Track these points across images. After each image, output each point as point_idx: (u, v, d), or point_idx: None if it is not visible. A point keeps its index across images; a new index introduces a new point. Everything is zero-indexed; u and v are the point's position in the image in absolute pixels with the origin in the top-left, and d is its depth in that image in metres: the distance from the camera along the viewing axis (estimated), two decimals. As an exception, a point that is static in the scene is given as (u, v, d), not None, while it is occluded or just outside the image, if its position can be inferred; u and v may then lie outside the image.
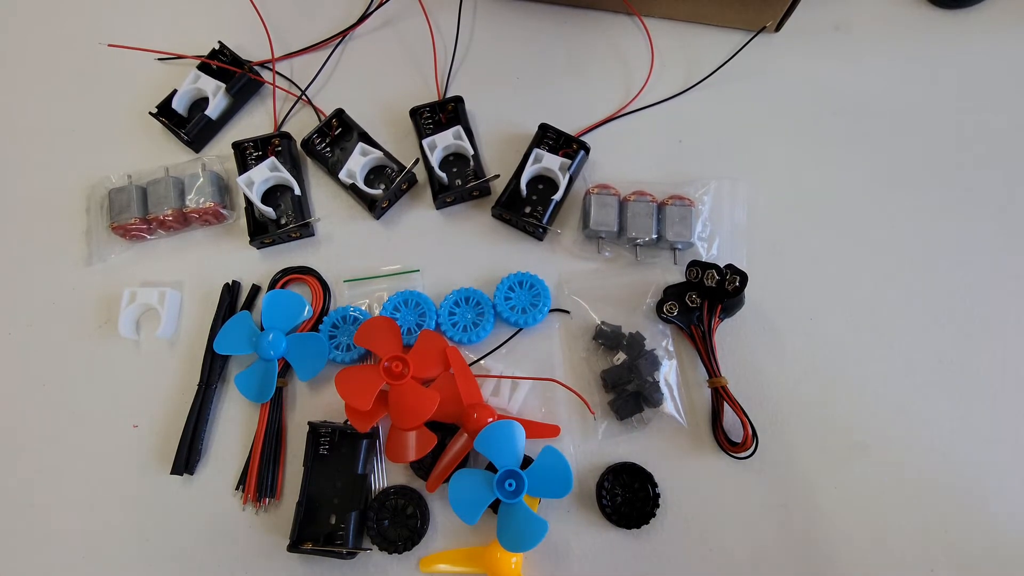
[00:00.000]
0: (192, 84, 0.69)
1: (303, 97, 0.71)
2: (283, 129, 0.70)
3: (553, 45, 0.73)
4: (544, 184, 0.66)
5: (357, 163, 0.65)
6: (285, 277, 0.65)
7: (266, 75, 0.72)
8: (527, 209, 0.65)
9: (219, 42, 0.70)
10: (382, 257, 0.66)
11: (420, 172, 0.68)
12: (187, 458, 0.60)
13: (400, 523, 0.57)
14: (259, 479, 0.59)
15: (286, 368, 0.62)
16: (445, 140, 0.65)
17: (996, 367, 0.61)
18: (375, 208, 0.65)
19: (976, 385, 0.61)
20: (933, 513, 0.58)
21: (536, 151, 0.64)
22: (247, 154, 0.67)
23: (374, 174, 0.67)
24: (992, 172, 0.67)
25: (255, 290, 0.65)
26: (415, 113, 0.68)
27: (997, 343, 0.62)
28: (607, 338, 0.61)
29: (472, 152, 0.65)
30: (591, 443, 0.60)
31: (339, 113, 0.68)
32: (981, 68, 0.70)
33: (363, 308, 0.64)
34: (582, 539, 0.58)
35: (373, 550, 0.57)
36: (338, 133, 0.68)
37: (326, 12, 0.74)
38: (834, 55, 0.71)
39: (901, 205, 0.66)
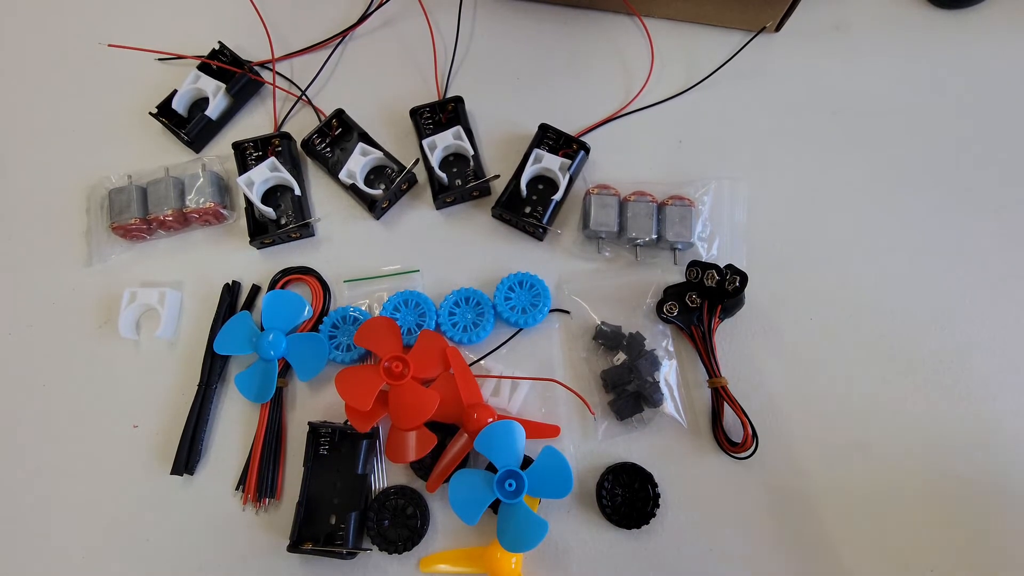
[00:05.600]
0: (192, 84, 0.69)
1: (303, 97, 0.71)
2: (283, 129, 0.70)
3: (553, 45, 0.73)
4: (544, 184, 0.66)
5: (357, 163, 0.65)
6: (285, 277, 0.65)
7: (266, 75, 0.72)
8: (527, 209, 0.65)
9: (219, 42, 0.70)
10: (382, 257, 0.66)
11: (420, 172, 0.68)
12: (187, 458, 0.60)
13: (400, 523, 0.57)
14: (259, 479, 0.59)
15: (286, 368, 0.62)
16: (445, 140, 0.65)
17: (996, 364, 0.61)
18: (375, 208, 0.65)
19: (977, 385, 0.61)
20: (933, 513, 0.58)
21: (536, 151, 0.64)
22: (247, 154, 0.67)
23: (374, 174, 0.68)
24: (992, 172, 0.67)
25: (255, 290, 0.65)
26: (415, 113, 0.68)
27: (997, 341, 0.62)
28: (607, 338, 0.61)
29: (472, 152, 0.65)
30: (591, 443, 0.60)
31: (339, 113, 0.68)
32: (981, 68, 0.70)
33: (363, 308, 0.64)
34: (582, 539, 0.58)
35: (373, 550, 0.57)
36: (338, 133, 0.68)
37: (326, 12, 0.74)
38: (834, 55, 0.71)
39: (901, 205, 0.66)
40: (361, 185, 0.65)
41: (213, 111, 0.68)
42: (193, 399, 0.61)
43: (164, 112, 0.69)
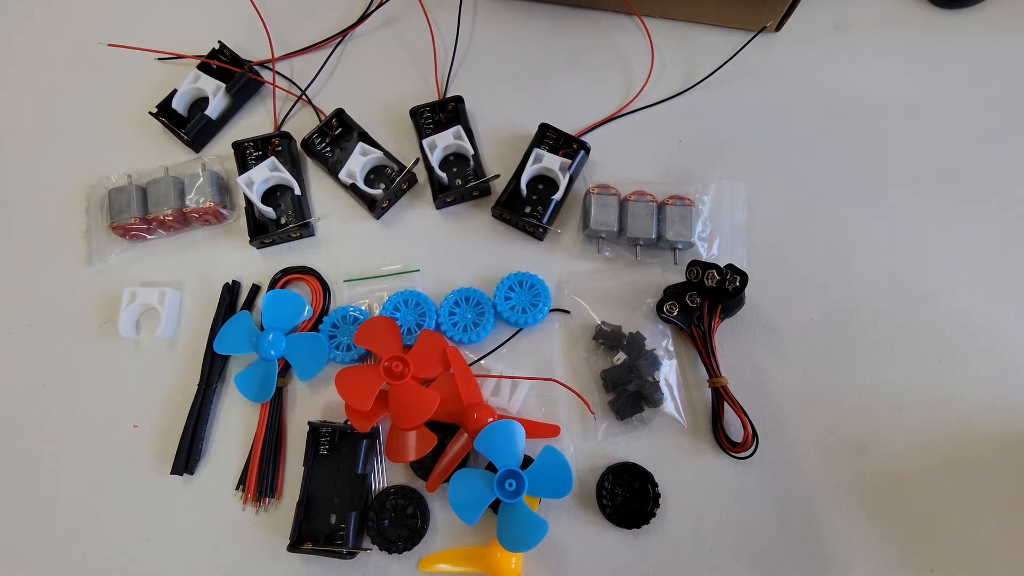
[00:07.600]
0: (192, 84, 0.69)
1: (303, 97, 0.71)
2: (283, 129, 0.70)
3: (553, 45, 0.73)
4: (544, 184, 0.66)
5: (357, 163, 0.65)
6: (285, 277, 0.65)
7: (266, 75, 0.72)
8: (527, 209, 0.65)
9: (219, 42, 0.70)
10: (382, 257, 0.66)
11: (420, 172, 0.68)
12: (187, 458, 0.60)
13: (400, 523, 0.57)
14: (259, 479, 0.59)
15: (286, 368, 0.62)
16: (445, 140, 0.65)
17: (996, 364, 0.61)
18: (375, 208, 0.65)
19: (977, 385, 0.61)
20: (933, 513, 0.58)
21: (536, 151, 0.64)
22: (247, 154, 0.67)
23: (374, 174, 0.67)
24: (992, 172, 0.67)
25: (255, 290, 0.65)
26: (415, 113, 0.68)
27: (997, 341, 0.62)
28: (607, 338, 0.61)
29: (472, 152, 0.65)
30: (591, 443, 0.60)
31: (339, 113, 0.68)
32: (981, 68, 0.70)
33: (363, 308, 0.64)
34: (582, 539, 0.58)
35: (373, 550, 0.57)
36: (338, 133, 0.68)
37: (326, 12, 0.74)
38: (834, 55, 0.71)
39: (900, 204, 0.66)
40: (361, 185, 0.65)
41: (213, 111, 0.68)
42: (193, 399, 0.61)
43: (164, 112, 0.69)
